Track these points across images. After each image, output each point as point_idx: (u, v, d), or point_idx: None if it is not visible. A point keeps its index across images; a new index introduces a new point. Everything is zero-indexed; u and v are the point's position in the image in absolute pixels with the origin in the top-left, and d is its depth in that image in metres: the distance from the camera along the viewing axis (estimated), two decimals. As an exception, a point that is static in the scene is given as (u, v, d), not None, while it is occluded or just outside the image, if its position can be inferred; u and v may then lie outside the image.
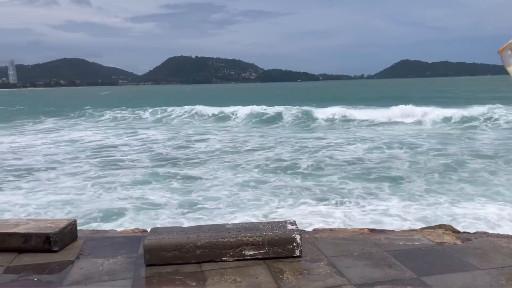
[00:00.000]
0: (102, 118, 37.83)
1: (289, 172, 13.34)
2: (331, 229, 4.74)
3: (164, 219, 8.84)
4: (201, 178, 12.74)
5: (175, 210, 9.56)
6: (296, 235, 3.86)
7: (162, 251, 3.76)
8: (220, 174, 13.33)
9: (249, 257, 3.81)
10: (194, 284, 3.43)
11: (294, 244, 3.83)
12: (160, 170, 14.01)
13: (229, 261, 3.79)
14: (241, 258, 3.81)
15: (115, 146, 20.43)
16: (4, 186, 12.13)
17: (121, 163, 15.85)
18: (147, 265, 3.76)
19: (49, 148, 20.40)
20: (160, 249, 3.76)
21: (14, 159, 17.04)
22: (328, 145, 18.92)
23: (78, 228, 4.64)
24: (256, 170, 13.66)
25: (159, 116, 37.09)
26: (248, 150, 18.25)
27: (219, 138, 22.48)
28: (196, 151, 18.08)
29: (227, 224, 4.25)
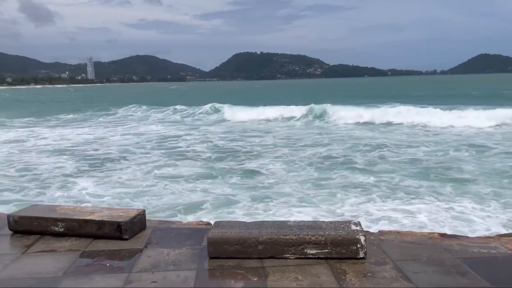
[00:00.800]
0: (168, 113, 39.24)
1: (348, 169, 13.05)
2: (397, 232, 4.54)
3: (226, 213, 9.00)
4: (260, 173, 12.84)
5: (237, 204, 9.69)
6: (361, 236, 3.74)
7: (225, 245, 3.82)
8: (277, 168, 13.39)
9: (311, 255, 3.76)
10: (255, 279, 3.45)
11: (358, 245, 3.72)
12: (221, 164, 14.33)
13: (290, 259, 3.77)
14: (302, 257, 3.77)
15: (178, 136, 21.45)
16: (82, 175, 13.02)
17: (186, 154, 16.67)
18: (210, 258, 3.85)
19: (122, 139, 21.68)
20: (223, 242, 3.82)
21: (92, 149, 18.24)
22: (391, 143, 18.22)
23: (147, 218, 4.84)
24: (313, 167, 13.51)
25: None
26: (303, 146, 18.10)
27: (274, 134, 22.53)
28: (252, 145, 18.40)
29: (289, 221, 4.22)
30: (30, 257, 4.04)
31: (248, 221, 4.29)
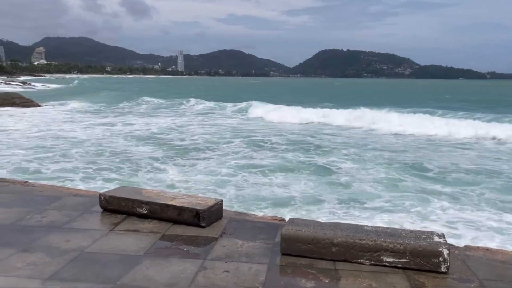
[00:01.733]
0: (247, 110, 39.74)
1: (417, 175, 12.28)
2: (486, 249, 4.18)
3: (300, 210, 8.95)
4: (334, 171, 12.61)
5: (311, 202, 9.60)
6: (444, 249, 3.50)
7: (298, 243, 3.80)
8: (349, 167, 13.09)
9: (387, 263, 3.60)
10: (327, 281, 3.38)
11: (440, 259, 3.48)
12: (299, 158, 14.30)
13: (365, 264, 3.64)
14: (378, 264, 3.62)
15: (255, 131, 21.78)
16: (169, 162, 13.75)
17: (264, 145, 17.15)
18: (283, 254, 3.84)
19: (204, 128, 22.57)
20: (296, 240, 3.80)
21: (176, 138, 19.20)
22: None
23: (224, 208, 4.97)
24: (388, 169, 12.92)
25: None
26: (373, 148, 17.37)
27: (347, 135, 21.90)
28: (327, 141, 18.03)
29: (366, 225, 4.07)
30: (117, 234, 4.34)
31: (323, 221, 4.21)
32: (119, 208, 4.91)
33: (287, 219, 4.52)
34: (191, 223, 4.56)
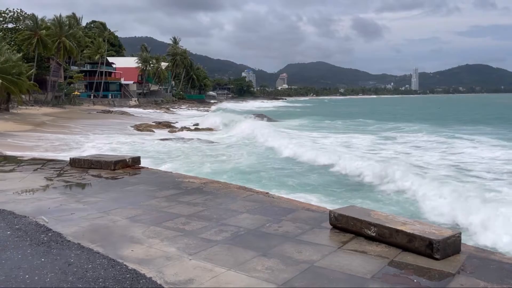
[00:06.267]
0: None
1: None
2: None
3: None
4: None
5: None
6: None
7: None
8: None
9: None
10: None
11: None
12: None
13: None
14: None
15: None
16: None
17: None
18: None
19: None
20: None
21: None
22: None
23: (462, 242, 4.42)
24: None
25: None
26: None
27: None
28: None
29: None
30: (345, 253, 4.38)
31: None
32: (347, 227, 4.96)
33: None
34: (422, 253, 4.21)
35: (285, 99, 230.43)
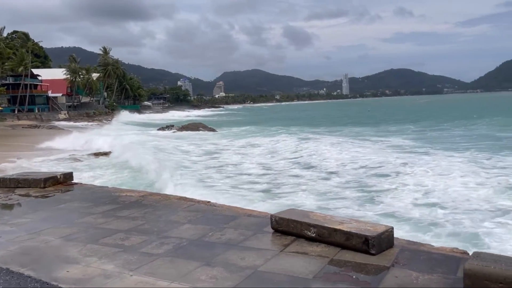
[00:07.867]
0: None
1: None
2: None
3: (486, 244, 7.85)
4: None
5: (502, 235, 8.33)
6: None
7: (486, 281, 3.30)
8: None
9: None
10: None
11: None
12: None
13: None
14: None
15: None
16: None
17: None
18: (467, 292, 3.39)
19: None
20: (483, 277, 3.31)
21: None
22: None
23: (395, 236, 4.68)
24: None
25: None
26: None
27: None
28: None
29: None
30: (287, 255, 4.47)
31: (517, 258, 3.59)
32: (288, 229, 5.06)
33: (470, 252, 4.00)
34: (359, 250, 4.40)
35: (223, 107, 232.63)
